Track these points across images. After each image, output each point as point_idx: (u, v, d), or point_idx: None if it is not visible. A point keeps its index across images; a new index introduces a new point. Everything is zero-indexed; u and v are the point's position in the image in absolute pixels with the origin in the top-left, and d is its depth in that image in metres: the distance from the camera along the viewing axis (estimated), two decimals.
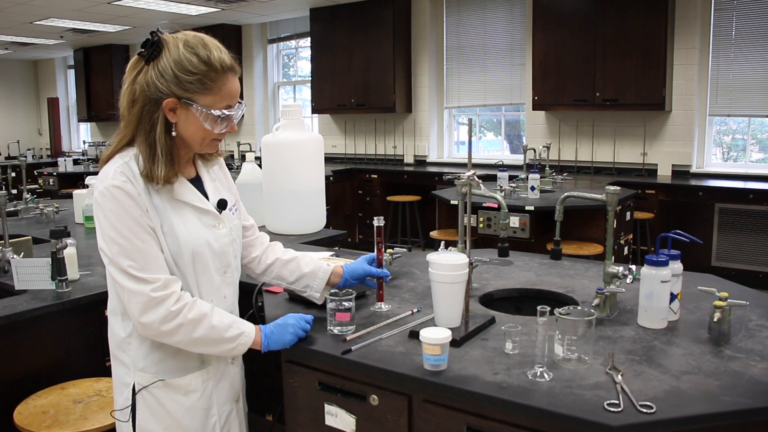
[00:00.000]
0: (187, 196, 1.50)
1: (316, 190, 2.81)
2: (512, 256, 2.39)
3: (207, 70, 1.39)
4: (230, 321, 1.50)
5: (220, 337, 1.47)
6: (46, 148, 12.11)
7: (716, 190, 5.20)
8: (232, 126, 1.49)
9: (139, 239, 1.39)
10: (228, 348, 1.50)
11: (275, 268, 1.76)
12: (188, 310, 1.43)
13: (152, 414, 1.51)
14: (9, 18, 7.77)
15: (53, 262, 2.09)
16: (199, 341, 1.46)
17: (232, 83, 1.44)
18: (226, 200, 1.58)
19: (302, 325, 1.59)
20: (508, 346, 1.49)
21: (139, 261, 1.39)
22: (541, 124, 6.53)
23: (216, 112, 1.41)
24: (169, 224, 1.45)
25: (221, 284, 1.57)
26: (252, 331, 1.53)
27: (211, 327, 1.45)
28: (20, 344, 2.00)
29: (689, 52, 5.60)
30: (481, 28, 6.87)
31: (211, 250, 1.52)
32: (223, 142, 1.65)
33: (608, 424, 1.17)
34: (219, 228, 1.55)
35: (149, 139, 1.41)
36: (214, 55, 1.40)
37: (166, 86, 1.38)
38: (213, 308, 1.49)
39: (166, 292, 1.40)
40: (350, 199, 7.13)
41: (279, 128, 2.59)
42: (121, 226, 1.38)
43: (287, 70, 9.20)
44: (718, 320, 1.52)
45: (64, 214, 3.72)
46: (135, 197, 1.40)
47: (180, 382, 1.52)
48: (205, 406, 1.56)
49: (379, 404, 1.50)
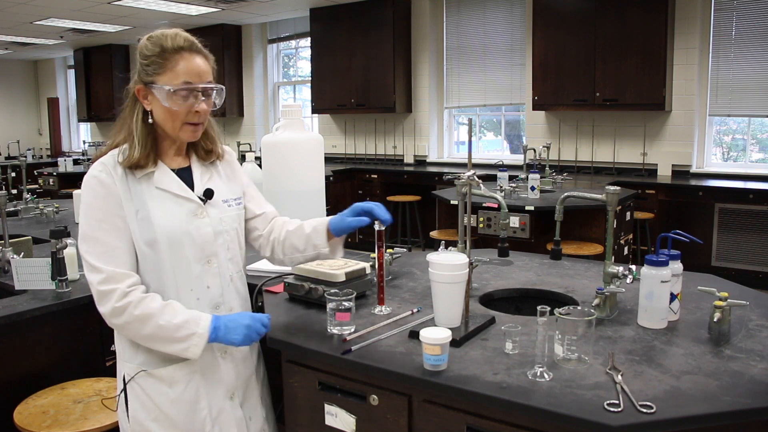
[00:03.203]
0: (167, 184, 1.53)
1: (316, 190, 2.81)
2: (512, 256, 2.39)
3: (161, 51, 1.47)
4: (181, 320, 1.46)
5: (170, 337, 1.46)
6: (46, 148, 12.11)
7: (716, 190, 5.20)
8: (201, 106, 1.50)
9: (100, 228, 1.46)
10: (180, 348, 1.47)
11: (288, 242, 1.70)
12: (134, 308, 1.43)
13: (141, 404, 1.54)
14: (9, 18, 7.77)
15: (53, 262, 2.09)
16: (149, 339, 1.47)
17: (187, 61, 1.48)
18: (213, 190, 1.58)
19: (257, 328, 1.53)
20: (508, 346, 1.49)
21: (95, 248, 1.45)
22: (541, 124, 6.53)
23: (169, 87, 1.46)
24: (146, 211, 1.49)
25: (203, 274, 1.56)
26: (206, 332, 1.47)
27: (158, 326, 1.44)
28: (20, 344, 2.00)
29: (689, 52, 5.60)
30: (481, 28, 6.87)
31: (190, 239, 1.53)
32: (222, 140, 1.65)
33: (608, 424, 1.17)
34: (201, 217, 1.55)
35: (129, 127, 1.52)
36: (168, 39, 1.48)
37: (136, 76, 1.52)
38: (165, 306, 1.46)
39: (110, 287, 1.43)
40: (350, 199, 7.13)
41: (279, 128, 2.59)
42: (89, 213, 1.48)
43: (287, 70, 9.20)
44: (718, 320, 1.52)
45: (64, 214, 3.72)
46: (108, 186, 1.48)
47: (162, 373, 1.53)
48: (191, 399, 1.55)
49: (379, 404, 1.50)
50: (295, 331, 1.69)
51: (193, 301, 1.54)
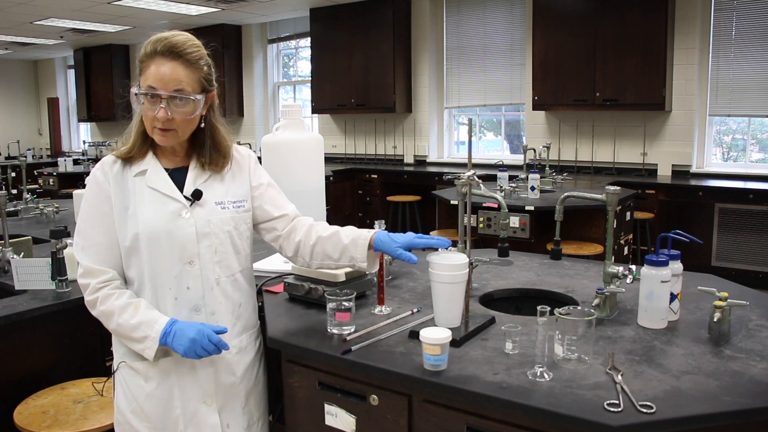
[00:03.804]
0: (155, 182, 1.56)
1: (316, 190, 2.81)
2: (512, 256, 2.39)
3: (143, 54, 1.50)
4: (138, 322, 1.48)
5: (128, 336, 1.51)
6: (46, 148, 12.11)
7: (716, 190, 5.19)
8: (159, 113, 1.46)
9: (88, 224, 1.54)
10: (138, 348, 1.51)
11: (318, 247, 1.67)
12: (100, 303, 1.51)
13: (124, 394, 1.60)
14: (9, 18, 7.77)
15: (53, 262, 2.09)
16: (116, 335, 1.57)
17: (157, 66, 1.47)
18: (201, 191, 1.57)
19: (203, 343, 1.47)
20: (508, 346, 1.49)
21: (82, 240, 1.54)
22: (541, 124, 6.52)
23: (134, 89, 1.49)
24: (134, 208, 1.54)
25: (183, 274, 1.55)
26: (158, 336, 1.48)
27: (117, 325, 1.51)
28: (20, 344, 2.01)
29: (689, 52, 5.60)
30: (481, 28, 6.87)
31: (170, 238, 1.53)
32: (229, 139, 1.65)
33: (608, 424, 1.17)
34: (184, 217, 1.55)
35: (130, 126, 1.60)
36: (150, 44, 1.49)
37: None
38: (127, 306, 1.50)
39: (85, 281, 1.53)
40: (350, 199, 7.13)
41: (279, 128, 2.59)
42: (84, 207, 1.56)
43: (287, 70, 9.20)
44: (718, 320, 1.52)
45: (64, 214, 3.72)
46: (100, 183, 1.55)
47: (138, 366, 1.57)
48: (165, 397, 1.57)
49: (379, 404, 1.50)
50: (295, 331, 1.69)
51: (170, 301, 1.54)
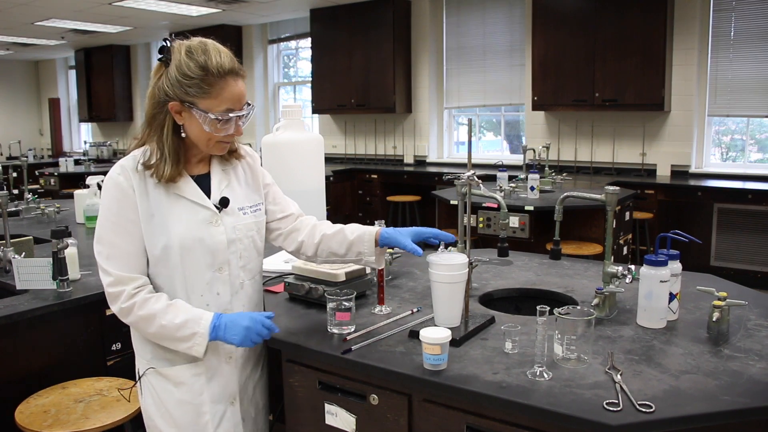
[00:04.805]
0: (185, 191, 1.53)
1: (316, 190, 2.81)
2: (512, 256, 2.40)
3: (204, 75, 1.42)
4: (183, 320, 1.47)
5: (173, 337, 1.48)
6: (48, 149, 12.12)
7: (715, 190, 5.20)
8: (237, 129, 1.50)
9: (113, 231, 1.48)
10: (185, 347, 1.49)
11: (324, 245, 1.69)
12: (138, 309, 1.47)
13: (152, 399, 1.59)
14: (10, 19, 7.78)
15: (54, 261, 2.10)
16: (157, 338, 1.51)
17: (231, 87, 1.45)
18: (229, 199, 1.57)
19: (258, 329, 1.50)
20: (507, 346, 1.49)
21: (106, 250, 1.49)
22: (541, 125, 6.53)
23: (213, 115, 1.44)
24: (162, 216, 1.50)
25: (214, 281, 1.56)
26: (207, 331, 1.48)
27: (161, 326, 1.47)
28: (21, 344, 2.01)
29: (688, 52, 5.60)
30: (481, 29, 6.88)
31: (203, 246, 1.53)
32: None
33: (607, 423, 1.18)
34: (215, 225, 1.55)
35: (160, 140, 1.49)
36: (212, 61, 1.43)
37: (171, 90, 1.45)
38: (168, 306, 1.48)
39: (117, 289, 1.47)
40: (350, 199, 7.14)
41: (279, 128, 2.60)
42: (104, 216, 1.50)
43: (287, 70, 9.21)
44: (717, 320, 1.53)
45: (65, 214, 3.72)
46: (124, 189, 1.48)
47: (169, 372, 1.56)
48: (195, 402, 1.56)
49: (379, 404, 1.50)
50: (295, 331, 1.69)
51: (202, 307, 1.55)
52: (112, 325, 2.22)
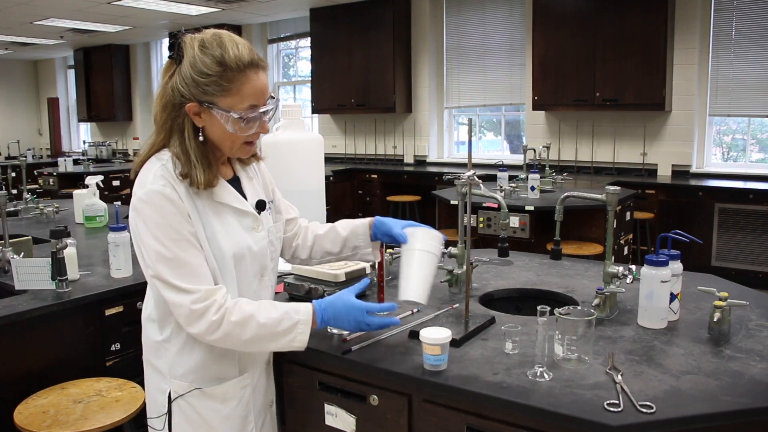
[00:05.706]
0: (226, 197, 1.43)
1: (316, 190, 2.81)
2: (512, 256, 2.39)
3: (222, 70, 1.31)
4: (280, 314, 1.39)
5: (274, 333, 1.38)
6: (46, 148, 12.10)
7: (716, 190, 5.20)
8: (263, 126, 1.39)
9: (178, 247, 1.33)
10: (286, 341, 1.39)
11: (317, 246, 1.67)
12: (230, 315, 1.34)
13: (188, 422, 1.46)
14: (9, 18, 7.78)
15: (53, 262, 2.09)
16: (252, 342, 1.38)
17: (253, 81, 1.33)
18: (265, 201, 1.52)
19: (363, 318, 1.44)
20: (508, 346, 1.49)
21: (178, 270, 1.32)
22: (541, 124, 6.53)
23: (236, 114, 1.32)
24: (211, 228, 1.39)
25: (258, 288, 1.51)
26: (309, 318, 1.41)
27: (260, 326, 1.36)
28: (20, 344, 2.01)
29: (689, 52, 5.60)
30: (481, 28, 6.87)
31: (251, 254, 1.46)
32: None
33: (608, 423, 1.17)
34: (258, 230, 1.49)
35: (182, 145, 1.37)
36: (229, 54, 1.31)
37: (187, 90, 1.33)
38: (259, 305, 1.39)
39: (205, 303, 1.33)
40: (350, 199, 7.14)
41: (279, 128, 2.59)
42: (161, 233, 1.32)
43: (287, 70, 9.21)
44: (718, 320, 1.53)
45: (64, 214, 3.72)
46: (176, 202, 1.34)
47: (217, 391, 1.46)
48: (242, 414, 1.51)
49: (379, 404, 1.50)
50: None
51: None
52: (111, 326, 2.21)
